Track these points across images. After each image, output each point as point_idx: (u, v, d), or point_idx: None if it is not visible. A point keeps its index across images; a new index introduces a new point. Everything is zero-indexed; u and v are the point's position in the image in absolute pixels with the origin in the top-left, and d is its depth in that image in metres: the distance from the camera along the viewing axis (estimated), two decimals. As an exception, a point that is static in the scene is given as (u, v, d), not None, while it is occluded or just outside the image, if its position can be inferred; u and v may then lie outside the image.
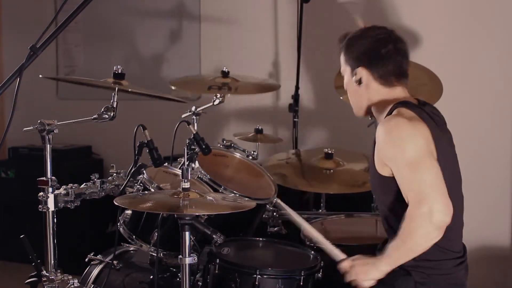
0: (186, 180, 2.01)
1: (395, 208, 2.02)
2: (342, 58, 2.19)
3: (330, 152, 3.16)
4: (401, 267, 2.04)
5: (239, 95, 4.07)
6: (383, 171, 2.02)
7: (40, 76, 2.39)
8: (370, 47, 2.12)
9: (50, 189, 2.12)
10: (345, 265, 2.06)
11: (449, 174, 2.00)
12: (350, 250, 2.16)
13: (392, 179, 1.99)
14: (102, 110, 2.19)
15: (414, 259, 2.01)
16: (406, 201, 1.93)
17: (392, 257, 1.97)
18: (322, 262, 2.25)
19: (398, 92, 2.12)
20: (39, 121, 2.10)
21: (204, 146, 2.44)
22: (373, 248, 2.25)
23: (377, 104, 2.13)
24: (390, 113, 2.06)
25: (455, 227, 2.08)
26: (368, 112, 2.19)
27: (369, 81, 2.12)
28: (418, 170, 1.91)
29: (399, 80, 2.12)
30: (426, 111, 2.06)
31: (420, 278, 2.01)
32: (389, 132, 1.98)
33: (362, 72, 2.12)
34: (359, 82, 2.13)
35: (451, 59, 3.77)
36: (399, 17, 3.89)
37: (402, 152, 1.94)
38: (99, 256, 2.56)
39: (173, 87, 3.38)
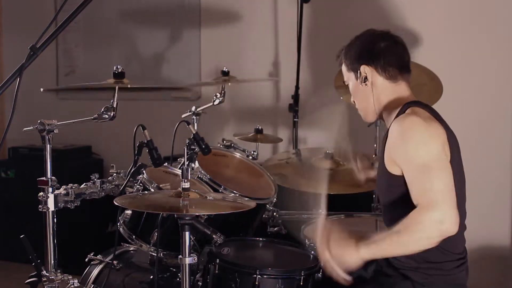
0: (186, 180, 2.01)
1: (400, 208, 1.99)
2: (344, 67, 2.19)
3: (329, 152, 3.16)
4: (399, 271, 2.03)
5: (239, 94, 4.08)
6: (393, 169, 1.99)
7: (42, 90, 2.40)
8: (367, 43, 2.13)
9: (50, 189, 2.12)
10: (323, 257, 1.99)
11: (456, 179, 1.99)
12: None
13: (400, 178, 1.96)
14: (102, 110, 2.19)
15: (415, 261, 2.00)
16: (415, 203, 1.88)
17: (379, 246, 1.90)
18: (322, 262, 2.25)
19: (403, 89, 2.11)
20: (39, 121, 2.10)
21: (204, 146, 2.44)
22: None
23: (386, 104, 2.11)
24: (402, 111, 2.03)
25: (458, 230, 2.08)
26: (379, 115, 2.16)
27: (374, 77, 2.10)
28: (430, 173, 1.87)
29: (402, 74, 2.11)
30: (434, 111, 2.05)
31: (421, 279, 2.01)
32: (403, 132, 1.95)
33: (365, 69, 2.11)
34: (364, 80, 2.11)
35: (451, 59, 3.77)
36: (400, 18, 3.89)
37: (415, 153, 1.91)
38: (99, 256, 2.56)
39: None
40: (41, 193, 2.13)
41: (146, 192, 2.35)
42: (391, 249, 1.91)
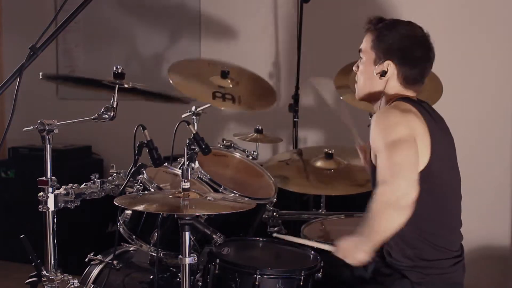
0: (186, 180, 2.01)
1: None
2: (370, 41, 2.12)
3: (330, 152, 3.16)
4: (397, 270, 2.03)
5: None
6: (376, 160, 2.01)
7: (40, 76, 2.39)
8: (408, 46, 2.08)
9: (50, 189, 2.12)
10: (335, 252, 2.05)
11: (447, 174, 1.99)
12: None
13: None
14: (102, 110, 2.19)
15: (411, 260, 2.01)
16: None
17: (368, 237, 1.92)
18: (322, 262, 2.25)
19: (409, 93, 2.12)
20: (39, 121, 2.10)
21: (204, 146, 2.44)
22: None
23: (386, 97, 2.12)
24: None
25: (453, 227, 2.08)
26: (372, 99, 2.16)
27: (392, 77, 2.09)
28: (393, 152, 1.89)
29: (416, 84, 2.12)
30: (424, 107, 2.06)
31: (417, 278, 2.01)
32: (378, 122, 1.98)
33: (390, 66, 2.08)
34: (382, 74, 2.09)
35: (451, 59, 3.77)
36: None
37: (384, 137, 1.93)
38: (99, 256, 2.56)
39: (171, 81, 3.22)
40: (41, 193, 2.13)
41: (146, 192, 2.35)
42: (377, 237, 1.91)
